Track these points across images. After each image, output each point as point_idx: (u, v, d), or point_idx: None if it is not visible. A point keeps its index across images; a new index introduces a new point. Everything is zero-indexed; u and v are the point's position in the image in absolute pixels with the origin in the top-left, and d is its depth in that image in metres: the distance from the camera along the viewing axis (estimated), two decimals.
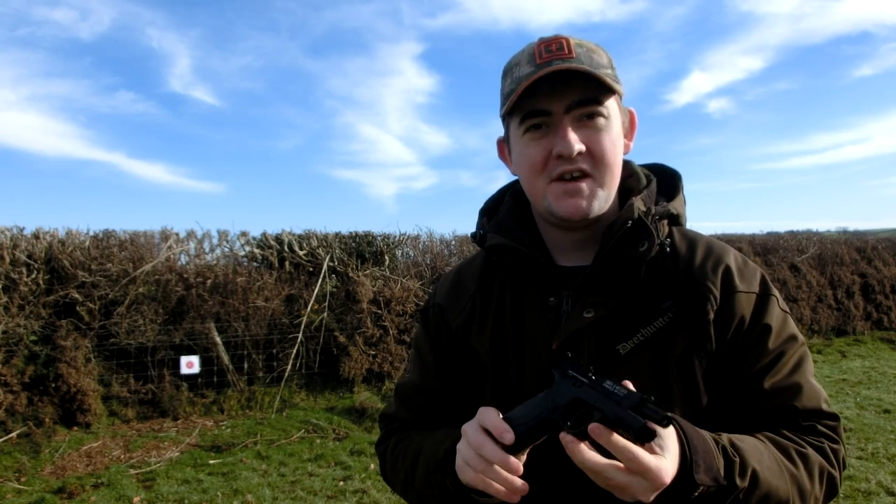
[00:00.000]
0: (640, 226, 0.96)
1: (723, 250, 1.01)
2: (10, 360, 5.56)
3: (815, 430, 0.93)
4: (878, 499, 3.96)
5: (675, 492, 0.76)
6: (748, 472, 0.81)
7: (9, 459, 4.85)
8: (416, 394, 1.14)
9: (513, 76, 0.98)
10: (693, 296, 0.94)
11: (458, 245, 9.21)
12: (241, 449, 5.24)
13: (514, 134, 1.01)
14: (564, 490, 0.94)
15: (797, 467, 0.87)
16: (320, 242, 8.04)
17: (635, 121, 1.07)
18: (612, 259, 0.96)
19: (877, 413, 5.97)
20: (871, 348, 9.44)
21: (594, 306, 0.95)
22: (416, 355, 1.18)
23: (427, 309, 1.18)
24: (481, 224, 1.12)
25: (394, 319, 7.10)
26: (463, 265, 1.19)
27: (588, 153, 0.95)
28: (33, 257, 6.29)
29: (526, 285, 1.04)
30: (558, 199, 0.96)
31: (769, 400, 0.92)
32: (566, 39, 0.94)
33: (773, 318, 0.96)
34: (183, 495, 4.28)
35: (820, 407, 0.94)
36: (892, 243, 12.44)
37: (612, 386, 0.77)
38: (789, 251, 10.89)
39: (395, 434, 1.14)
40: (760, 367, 0.93)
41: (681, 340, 0.93)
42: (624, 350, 0.93)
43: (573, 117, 0.94)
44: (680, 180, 1.09)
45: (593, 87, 0.93)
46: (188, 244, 7.43)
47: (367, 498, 4.24)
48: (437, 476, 0.94)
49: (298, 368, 6.74)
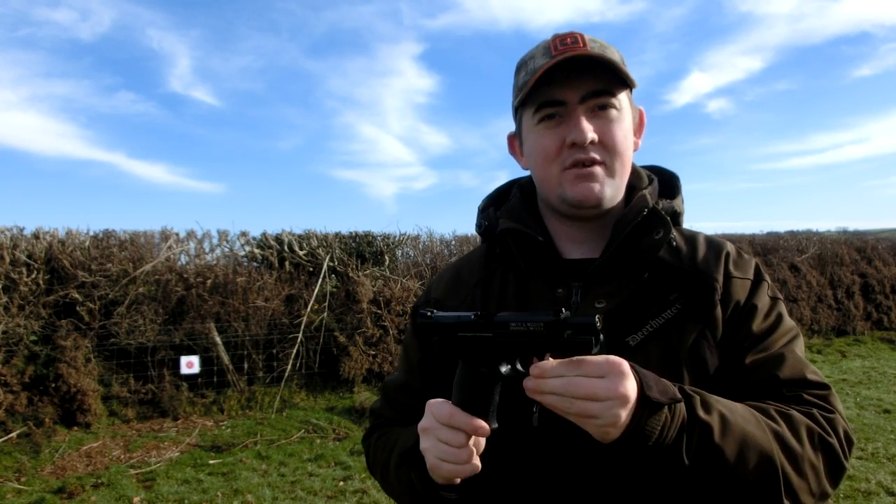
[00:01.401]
0: (654, 215, 0.97)
1: (720, 244, 1.04)
2: (10, 360, 5.56)
3: (800, 400, 0.89)
4: (878, 499, 3.96)
5: (636, 423, 0.75)
6: (713, 410, 0.80)
7: (9, 459, 4.85)
8: (401, 392, 1.15)
9: (527, 68, 0.99)
10: (699, 287, 0.96)
11: (458, 245, 9.22)
12: (241, 449, 5.24)
13: (527, 125, 1.02)
14: (548, 494, 0.94)
15: (778, 424, 0.83)
16: (320, 242, 8.04)
17: (644, 120, 1.08)
18: (624, 249, 0.97)
19: (877, 413, 5.97)
20: (871, 348, 9.44)
21: (606, 297, 0.96)
22: (403, 353, 1.18)
23: (419, 307, 1.17)
24: (487, 215, 1.12)
25: (394, 319, 7.10)
26: (461, 261, 1.19)
27: (601, 143, 0.96)
28: (33, 257, 6.29)
29: (529, 277, 1.04)
30: (572, 184, 0.97)
31: (752, 373, 0.92)
32: (580, 35, 0.96)
33: (761, 300, 0.97)
34: (183, 495, 4.28)
35: (804, 376, 0.91)
36: (892, 243, 12.44)
37: (519, 324, 0.79)
38: (789, 251, 10.89)
39: (379, 430, 1.16)
40: (746, 345, 0.94)
41: (691, 330, 0.93)
42: (634, 342, 0.93)
43: (587, 107, 0.96)
44: (678, 181, 1.11)
45: (607, 79, 0.95)
46: (188, 244, 7.43)
47: (367, 498, 4.24)
48: (403, 470, 0.95)
49: (298, 368, 6.74)
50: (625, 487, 0.89)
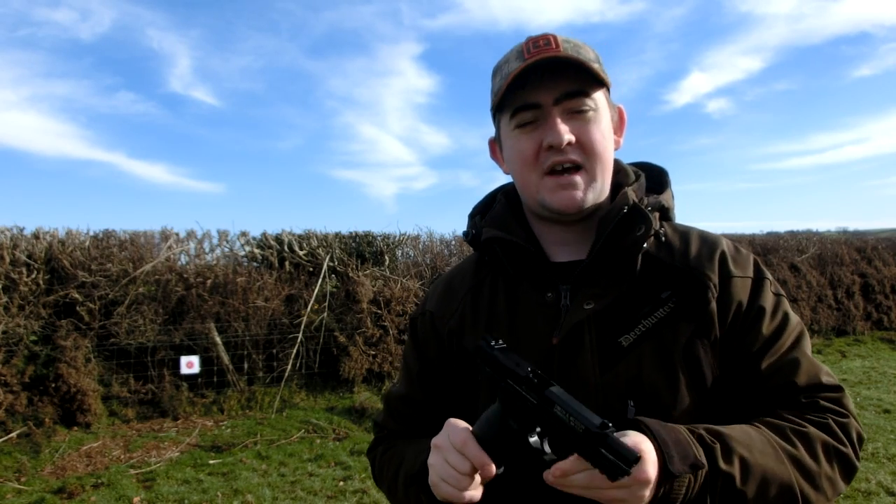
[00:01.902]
0: (636, 212, 0.96)
1: (715, 239, 1.03)
2: (10, 360, 5.56)
3: (816, 406, 0.90)
4: (878, 499, 3.96)
5: (659, 492, 0.75)
6: (734, 456, 0.80)
7: (9, 459, 4.85)
8: (402, 404, 1.15)
9: (502, 72, 0.99)
10: (693, 285, 0.95)
11: (458, 245, 9.21)
12: (241, 449, 5.24)
13: (504, 130, 1.02)
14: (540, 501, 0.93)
15: (796, 447, 0.84)
16: (320, 242, 8.04)
17: (624, 117, 1.08)
18: (610, 248, 0.96)
19: (877, 413, 5.97)
20: (871, 348, 9.45)
21: (594, 298, 0.95)
22: (403, 366, 1.18)
23: (416, 318, 1.17)
24: (473, 223, 1.12)
25: (394, 319, 7.10)
26: (453, 272, 1.19)
27: (578, 144, 0.95)
28: (33, 257, 6.29)
29: (519, 283, 1.03)
30: (552, 192, 0.97)
31: (768, 379, 0.92)
32: (553, 36, 0.96)
33: (767, 300, 0.96)
34: (183, 495, 4.28)
35: (820, 380, 0.92)
36: (892, 243, 12.44)
37: (564, 413, 0.74)
38: (789, 251, 10.89)
39: (384, 443, 1.16)
40: (757, 349, 0.93)
41: (684, 329, 0.92)
42: (626, 342, 0.92)
43: (562, 109, 0.95)
44: (667, 176, 1.10)
45: (581, 79, 0.95)
46: (188, 244, 7.43)
47: (367, 498, 4.24)
48: (412, 490, 0.96)
49: (298, 368, 6.74)
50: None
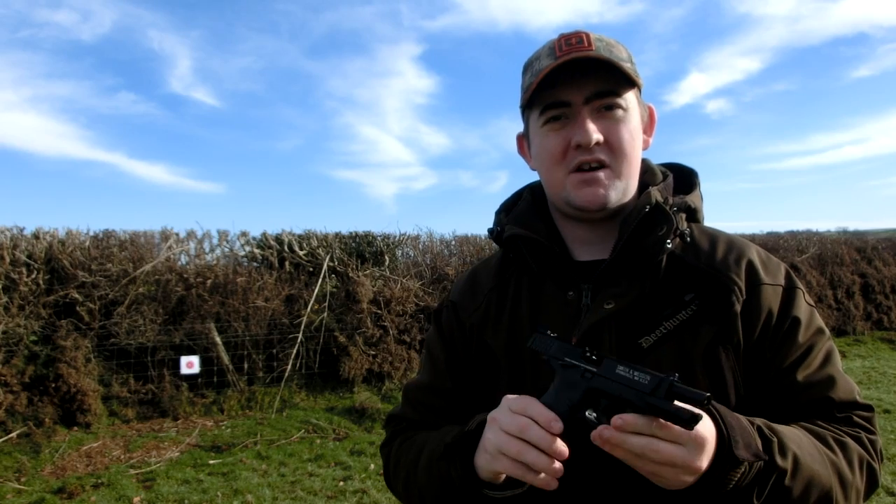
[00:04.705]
0: (658, 211, 0.95)
1: (745, 245, 1.01)
2: (10, 360, 5.56)
3: (850, 421, 0.91)
4: (878, 499, 3.96)
5: (715, 474, 0.74)
6: (788, 453, 0.79)
7: (9, 459, 4.85)
8: (425, 394, 1.13)
9: (533, 69, 0.99)
10: (717, 288, 0.93)
11: (458, 245, 9.21)
12: (241, 449, 5.24)
13: (533, 126, 1.02)
14: (590, 485, 0.91)
15: (836, 454, 0.85)
16: (320, 242, 8.04)
17: (654, 117, 1.07)
18: (632, 248, 0.95)
19: (877, 413, 5.97)
20: (871, 348, 9.45)
21: (614, 297, 0.94)
22: (426, 356, 1.17)
23: (441, 309, 1.17)
24: (499, 220, 1.12)
25: (394, 319, 7.10)
26: (479, 265, 1.19)
27: (606, 144, 0.95)
28: (33, 257, 6.29)
29: (542, 281, 1.03)
30: (577, 188, 0.97)
31: (803, 392, 0.91)
32: (586, 34, 0.95)
33: (802, 311, 0.95)
34: (183, 495, 4.28)
35: (854, 398, 0.93)
36: (892, 243, 12.43)
37: (627, 371, 0.74)
38: (789, 251, 10.89)
39: (401, 434, 1.14)
40: (792, 361, 0.92)
41: (706, 333, 0.91)
42: (647, 343, 0.91)
43: (592, 108, 0.95)
44: (696, 177, 1.09)
45: (612, 79, 0.94)
46: (188, 244, 7.43)
47: (367, 498, 4.24)
48: (441, 465, 0.92)
49: (298, 368, 6.74)
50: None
